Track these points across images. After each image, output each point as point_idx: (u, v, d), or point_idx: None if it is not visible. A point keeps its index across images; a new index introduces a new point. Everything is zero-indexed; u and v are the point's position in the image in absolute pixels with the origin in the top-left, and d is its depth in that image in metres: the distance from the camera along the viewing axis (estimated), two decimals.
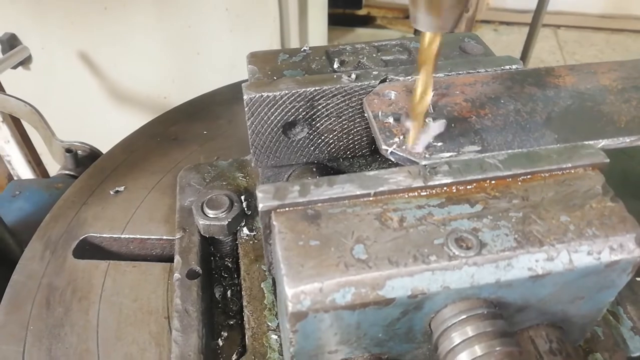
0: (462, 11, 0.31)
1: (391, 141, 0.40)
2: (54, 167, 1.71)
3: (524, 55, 2.51)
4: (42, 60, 1.32)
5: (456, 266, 0.33)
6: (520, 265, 0.33)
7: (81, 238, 0.60)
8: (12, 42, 1.32)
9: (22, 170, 1.68)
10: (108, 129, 1.48)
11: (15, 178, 1.73)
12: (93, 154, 0.96)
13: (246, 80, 0.49)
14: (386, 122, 0.41)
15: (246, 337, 0.46)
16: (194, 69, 1.33)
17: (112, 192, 0.65)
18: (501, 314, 0.34)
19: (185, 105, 0.81)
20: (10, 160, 1.66)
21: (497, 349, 0.32)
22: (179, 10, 1.22)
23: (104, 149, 1.04)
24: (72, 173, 0.92)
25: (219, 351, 0.48)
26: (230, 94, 0.81)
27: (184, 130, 0.75)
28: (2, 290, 0.57)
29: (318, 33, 1.39)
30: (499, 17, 4.31)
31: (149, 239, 0.61)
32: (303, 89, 0.45)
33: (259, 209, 0.36)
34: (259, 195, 0.36)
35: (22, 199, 0.84)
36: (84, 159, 0.95)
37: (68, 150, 0.92)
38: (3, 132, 1.59)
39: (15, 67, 1.32)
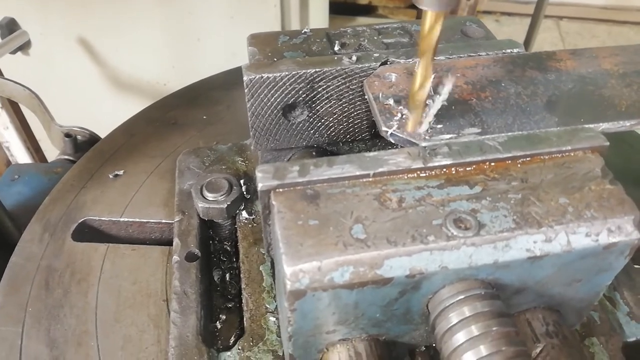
0: None
1: (391, 123, 0.40)
2: (52, 153, 1.71)
3: (526, 47, 2.50)
4: (42, 46, 1.31)
5: (454, 246, 0.33)
6: (518, 246, 0.33)
7: (80, 221, 0.60)
8: (11, 26, 1.31)
9: (21, 156, 1.68)
10: (108, 115, 1.48)
11: (13, 163, 1.73)
12: (92, 139, 0.96)
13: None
14: (386, 104, 0.41)
15: (244, 319, 0.46)
16: (195, 55, 1.33)
17: (111, 176, 0.65)
18: (499, 295, 0.34)
19: (185, 90, 0.81)
20: (9, 147, 1.66)
21: (494, 329, 0.32)
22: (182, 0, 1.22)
23: (104, 134, 1.04)
24: (71, 158, 0.91)
25: (217, 333, 0.48)
26: (229, 79, 0.81)
27: (183, 115, 0.75)
28: (1, 273, 0.57)
29: (319, 21, 1.38)
30: (501, 7, 4.29)
31: (147, 222, 0.61)
32: (303, 71, 0.45)
33: (258, 188, 0.36)
34: (259, 175, 0.36)
35: (21, 183, 0.84)
36: (83, 144, 0.95)
37: (67, 135, 0.92)
38: (2, 118, 1.58)
39: (14, 52, 1.31)
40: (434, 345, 0.37)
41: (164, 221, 0.60)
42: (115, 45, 1.33)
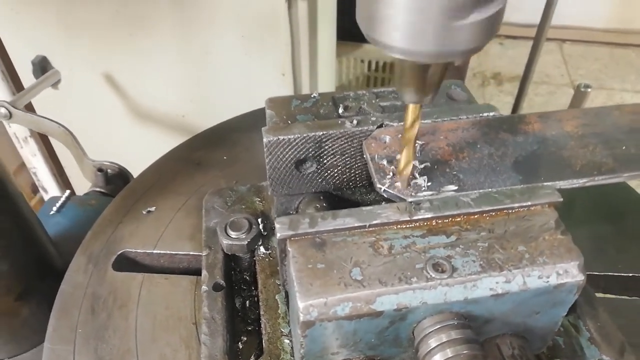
0: (439, 88, 0.39)
1: (384, 180, 0.49)
2: (76, 179, 1.82)
3: (528, 70, 2.57)
4: (69, 81, 1.42)
5: (432, 286, 0.41)
6: (483, 286, 0.42)
7: (119, 253, 0.69)
8: (43, 64, 1.42)
9: (47, 181, 1.79)
10: (130, 145, 1.59)
11: (39, 188, 1.84)
12: (121, 173, 1.06)
13: (260, 109, 0.59)
14: (381, 164, 0.50)
15: (263, 341, 0.55)
16: (211, 90, 1.43)
17: (144, 212, 0.75)
18: (469, 324, 0.43)
19: (207, 132, 0.90)
20: (36, 172, 1.77)
21: (465, 352, 0.41)
22: (198, 38, 1.32)
23: (126, 163, 1.14)
24: (103, 190, 1.01)
25: (239, 353, 0.57)
26: (247, 122, 0.90)
27: (206, 156, 0.85)
28: (51, 297, 0.66)
29: (326, 51, 1.48)
30: (505, 31, 4.37)
31: (177, 254, 0.70)
32: (312, 133, 0.54)
33: (277, 237, 0.45)
34: (277, 226, 0.45)
35: (59, 214, 0.93)
36: (113, 177, 1.05)
37: (99, 170, 1.02)
38: (30, 146, 1.70)
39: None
40: None
41: (191, 253, 0.69)
42: (138, 81, 1.44)
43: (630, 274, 0.67)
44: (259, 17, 1.27)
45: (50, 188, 1.80)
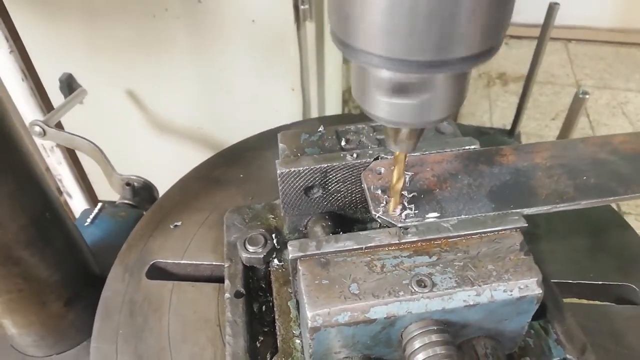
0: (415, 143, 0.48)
1: (378, 208, 0.58)
2: (98, 184, 1.93)
3: (532, 70, 2.62)
4: (94, 96, 1.53)
5: (416, 299, 0.51)
6: (458, 298, 0.51)
7: (151, 263, 0.80)
8: (69, 81, 1.52)
9: (71, 187, 1.91)
10: (150, 155, 1.70)
11: (64, 194, 1.95)
12: (146, 185, 1.16)
13: (270, 130, 0.69)
14: (376, 194, 0.60)
15: (278, 341, 0.65)
16: (226, 104, 1.53)
17: (171, 227, 0.85)
18: (447, 329, 0.52)
19: (225, 152, 1.00)
20: (61, 179, 1.89)
21: (442, 352, 0.50)
22: (214, 57, 1.42)
23: (146, 172, 1.24)
24: (130, 202, 1.12)
25: (257, 352, 0.67)
26: (261, 142, 1.00)
27: (224, 174, 0.94)
28: (93, 302, 0.76)
29: (333, 69, 1.58)
30: (510, 31, 4.40)
31: (201, 264, 0.80)
32: (319, 165, 0.64)
33: (289, 258, 0.54)
34: (290, 248, 0.55)
35: (93, 225, 1.04)
36: (139, 190, 1.15)
37: (127, 184, 1.12)
38: (57, 155, 1.81)
39: None
40: None
41: (214, 263, 0.79)
42: (157, 96, 1.55)
43: (600, 282, 0.76)
44: (270, 38, 1.36)
45: (74, 193, 1.92)
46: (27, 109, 1.51)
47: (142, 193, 1.13)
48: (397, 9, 0.33)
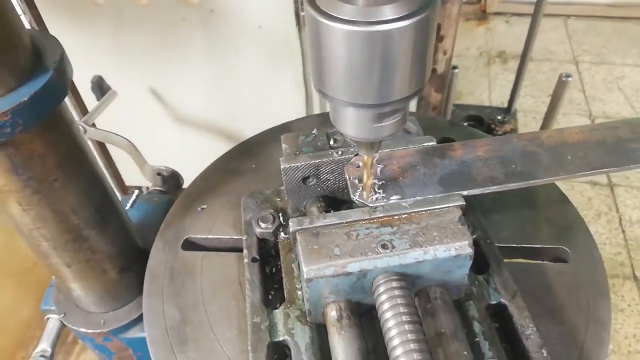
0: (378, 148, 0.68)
1: (356, 193, 0.79)
2: (124, 170, 2.15)
3: (527, 47, 2.71)
4: (120, 95, 1.74)
5: (380, 257, 0.71)
6: (410, 256, 0.72)
7: (185, 238, 1.01)
8: (100, 82, 1.73)
9: None
10: (172, 147, 1.91)
11: None
12: (174, 174, 1.37)
13: (277, 127, 0.89)
14: (354, 182, 0.80)
15: (285, 293, 0.86)
16: (238, 99, 1.73)
17: (199, 209, 1.06)
18: (404, 279, 0.73)
19: (239, 146, 1.20)
20: None
21: (400, 293, 0.71)
22: (226, 58, 1.62)
23: (169, 161, 1.45)
24: (161, 189, 1.33)
25: (270, 301, 0.88)
26: (269, 137, 1.20)
27: (240, 165, 1.15)
28: (140, 269, 0.98)
29: None
30: (511, 9, 4.50)
31: (224, 237, 1.01)
32: (312, 161, 0.84)
33: (290, 230, 0.75)
34: (290, 223, 0.75)
35: (133, 209, 1.26)
36: (167, 178, 1.36)
37: (158, 173, 1.33)
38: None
39: None
40: None
41: (234, 237, 1.00)
42: (177, 93, 1.75)
43: (539, 246, 0.96)
44: (276, 41, 1.55)
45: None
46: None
47: (170, 181, 1.35)
48: (355, 78, 0.53)
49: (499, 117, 2.96)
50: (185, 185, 1.16)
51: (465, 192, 0.78)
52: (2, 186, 0.74)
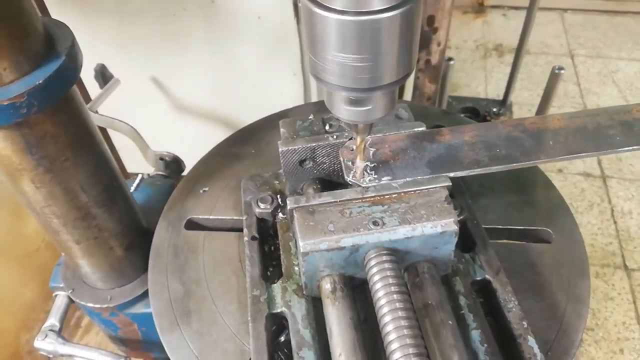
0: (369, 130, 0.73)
1: (350, 174, 0.84)
2: (126, 156, 2.19)
3: (522, 40, 2.74)
4: (123, 83, 1.78)
5: (371, 233, 0.76)
6: (400, 233, 0.77)
7: (187, 218, 1.06)
8: (103, 71, 1.77)
9: None
10: (173, 134, 1.95)
11: None
12: (175, 159, 1.42)
13: (275, 114, 0.93)
14: (348, 164, 0.85)
15: (282, 268, 0.91)
16: (237, 88, 1.77)
17: (201, 191, 1.11)
18: (394, 254, 0.78)
19: (239, 133, 1.25)
20: None
21: (389, 266, 0.76)
22: (226, 48, 1.66)
23: (173, 150, 1.50)
24: (163, 174, 1.38)
25: (268, 276, 0.94)
26: (267, 124, 1.25)
27: (240, 150, 1.20)
28: (145, 247, 1.03)
29: None
30: (508, 2, 4.52)
31: (225, 218, 1.06)
32: (308, 145, 0.89)
33: (288, 207, 0.80)
34: (288, 201, 0.80)
35: (137, 192, 1.31)
36: (170, 163, 1.41)
37: (160, 158, 1.38)
38: None
39: None
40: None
41: (234, 218, 1.05)
42: (178, 82, 1.79)
43: (523, 227, 1.01)
44: (274, 32, 1.60)
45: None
46: None
47: (172, 166, 1.40)
48: (346, 64, 0.58)
49: (495, 110, 3.01)
50: (187, 171, 1.21)
51: (451, 174, 0.83)
52: (17, 165, 0.79)
